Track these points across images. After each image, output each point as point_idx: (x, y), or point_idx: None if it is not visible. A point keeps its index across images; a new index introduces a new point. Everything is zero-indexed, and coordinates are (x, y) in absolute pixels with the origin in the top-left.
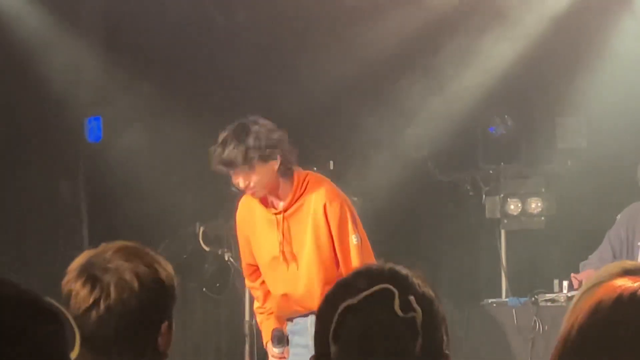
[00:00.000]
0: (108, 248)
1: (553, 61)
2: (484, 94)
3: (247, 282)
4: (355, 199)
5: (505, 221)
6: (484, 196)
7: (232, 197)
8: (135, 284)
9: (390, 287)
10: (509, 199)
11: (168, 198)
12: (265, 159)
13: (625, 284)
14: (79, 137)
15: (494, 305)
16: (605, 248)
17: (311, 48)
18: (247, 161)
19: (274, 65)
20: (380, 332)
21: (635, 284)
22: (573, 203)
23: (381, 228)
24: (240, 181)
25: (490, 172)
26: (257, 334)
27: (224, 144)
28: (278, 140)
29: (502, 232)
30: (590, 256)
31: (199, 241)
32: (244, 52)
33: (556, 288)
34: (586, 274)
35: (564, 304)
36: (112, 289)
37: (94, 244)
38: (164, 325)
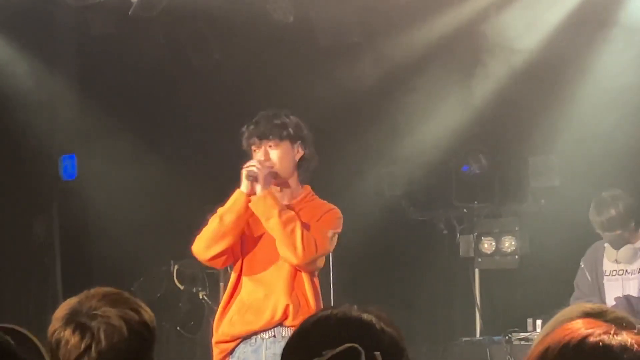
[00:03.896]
0: (91, 295)
1: (525, 101)
2: (457, 134)
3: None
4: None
5: (479, 260)
6: (457, 235)
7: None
8: (124, 329)
9: (357, 346)
10: (482, 238)
11: (142, 236)
12: (293, 138)
13: (576, 329)
14: (53, 175)
15: (468, 343)
16: (579, 296)
17: (285, 88)
18: (278, 133)
19: (248, 105)
20: None
21: (587, 331)
22: (546, 242)
23: (355, 266)
24: (260, 155)
25: (464, 211)
26: None
27: (261, 118)
28: (308, 136)
29: (476, 271)
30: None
31: (173, 280)
32: (219, 91)
33: (530, 327)
34: None
35: None
36: (102, 335)
37: (67, 282)
38: None
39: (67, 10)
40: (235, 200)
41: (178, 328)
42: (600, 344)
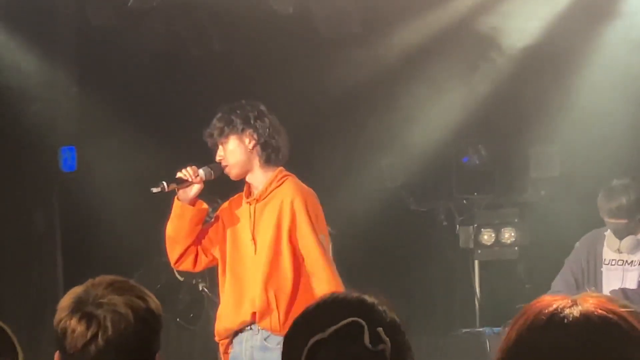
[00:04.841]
0: (97, 284)
1: (526, 92)
2: (457, 125)
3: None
4: (330, 229)
5: (479, 251)
6: (457, 226)
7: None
8: (131, 316)
9: (359, 320)
10: (482, 229)
11: (142, 227)
12: (237, 131)
13: (541, 306)
14: (53, 167)
15: (468, 334)
16: (567, 274)
17: (285, 79)
18: (222, 132)
19: (249, 96)
20: None
21: (552, 308)
22: (546, 233)
23: (355, 257)
24: (217, 155)
25: (464, 202)
26: None
27: (211, 124)
28: (258, 122)
29: (476, 262)
30: (552, 284)
31: (173, 271)
32: (219, 82)
33: None
34: None
35: None
36: (108, 323)
37: (68, 273)
38: (158, 355)
39: (67, 1)
40: (173, 209)
41: (178, 319)
42: (565, 319)
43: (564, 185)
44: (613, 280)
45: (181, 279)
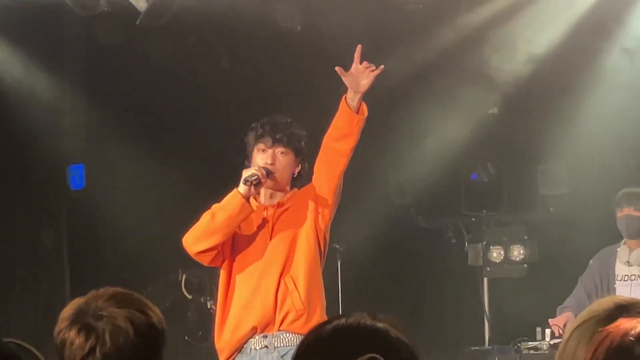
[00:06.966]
0: (99, 295)
1: (534, 109)
2: (466, 142)
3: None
4: (338, 246)
5: (488, 269)
6: (466, 244)
7: None
8: (130, 330)
9: (378, 357)
10: (491, 247)
11: (150, 245)
12: (298, 152)
13: (635, 324)
14: (61, 185)
15: (477, 352)
16: (580, 292)
17: (292, 96)
18: (290, 143)
19: (256, 112)
20: None
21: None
22: (555, 250)
23: (364, 275)
24: (268, 157)
25: (473, 219)
26: None
27: (278, 122)
28: (307, 154)
29: (485, 279)
30: (565, 301)
31: (181, 289)
32: (228, 99)
33: (539, 336)
34: (564, 317)
35: (546, 352)
36: (107, 336)
37: (76, 291)
38: None
39: (75, 19)
40: (230, 200)
41: (186, 337)
42: None
43: (572, 203)
44: (625, 295)
45: (189, 297)
